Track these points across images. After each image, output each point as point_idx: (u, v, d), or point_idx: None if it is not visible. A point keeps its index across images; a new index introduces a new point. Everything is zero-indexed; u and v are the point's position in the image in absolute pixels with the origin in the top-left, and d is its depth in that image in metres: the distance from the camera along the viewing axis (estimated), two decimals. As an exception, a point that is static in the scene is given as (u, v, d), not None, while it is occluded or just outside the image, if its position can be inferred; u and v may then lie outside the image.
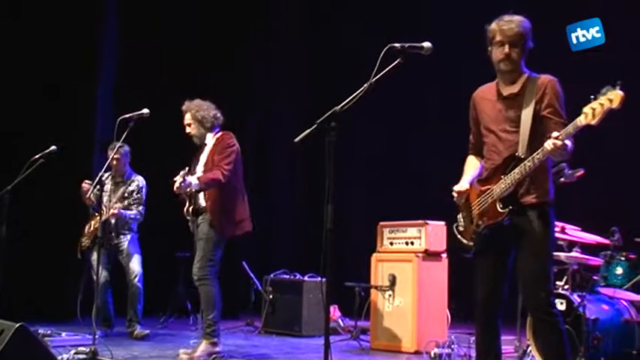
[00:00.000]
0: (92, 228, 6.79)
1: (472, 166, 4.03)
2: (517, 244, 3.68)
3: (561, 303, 5.33)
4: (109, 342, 5.86)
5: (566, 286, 5.49)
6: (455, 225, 4.05)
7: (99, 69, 8.57)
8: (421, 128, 9.61)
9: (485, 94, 3.93)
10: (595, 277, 5.50)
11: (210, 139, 5.68)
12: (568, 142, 3.45)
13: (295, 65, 10.38)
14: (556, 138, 3.41)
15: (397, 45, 3.68)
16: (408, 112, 9.68)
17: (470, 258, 3.90)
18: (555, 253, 5.57)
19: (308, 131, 3.60)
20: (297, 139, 3.60)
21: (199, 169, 5.62)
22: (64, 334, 6.13)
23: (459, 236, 3.98)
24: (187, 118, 5.70)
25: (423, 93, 9.56)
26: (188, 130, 5.70)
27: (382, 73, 3.63)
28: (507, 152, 3.70)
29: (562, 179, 5.49)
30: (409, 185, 9.48)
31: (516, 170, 3.61)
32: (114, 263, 6.93)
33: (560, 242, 5.60)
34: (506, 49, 3.75)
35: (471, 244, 3.85)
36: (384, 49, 3.63)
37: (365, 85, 3.63)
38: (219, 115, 5.73)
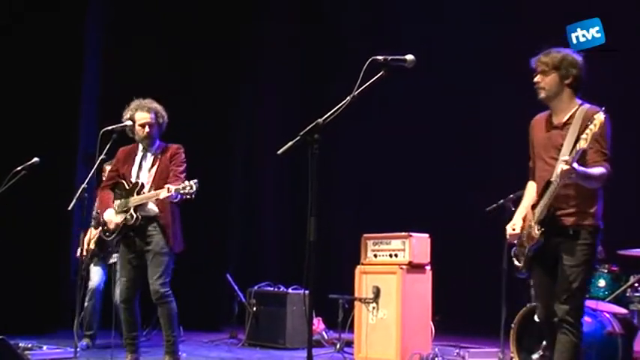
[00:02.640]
0: (88, 242, 6.69)
1: (529, 194, 4.19)
2: (560, 264, 3.87)
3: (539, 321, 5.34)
4: (91, 355, 5.80)
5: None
6: (513, 249, 4.18)
7: (83, 80, 8.55)
8: (407, 140, 9.63)
9: (539, 122, 4.11)
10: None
11: (155, 149, 5.37)
12: (576, 165, 3.60)
13: (283, 79, 10.39)
14: (565, 161, 3.59)
15: (380, 57, 3.73)
16: (394, 123, 9.70)
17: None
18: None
19: (291, 143, 3.62)
20: (280, 152, 3.63)
21: (144, 177, 5.29)
22: (45, 347, 6.05)
23: (513, 258, 4.13)
24: (150, 118, 5.32)
25: (409, 105, 9.58)
26: (147, 130, 5.30)
27: (365, 86, 3.66)
28: (547, 179, 3.85)
29: (545, 191, 5.53)
30: (394, 197, 9.50)
31: (547, 193, 3.80)
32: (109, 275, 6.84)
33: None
34: (537, 77, 3.96)
35: (521, 265, 4.03)
36: (367, 62, 3.66)
37: (348, 97, 3.66)
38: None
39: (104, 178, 5.90)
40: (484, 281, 7.30)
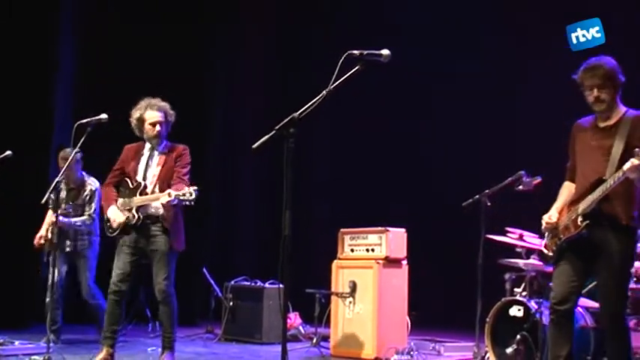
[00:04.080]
0: (46, 233, 6.61)
1: (565, 192, 4.35)
2: (597, 260, 4.07)
3: (519, 309, 5.40)
4: (64, 350, 5.77)
5: (524, 293, 5.55)
6: (544, 242, 4.42)
7: (57, 72, 8.46)
8: (384, 135, 9.67)
9: (584, 125, 4.28)
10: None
11: (162, 148, 5.43)
12: None
13: (258, 72, 10.37)
14: (636, 158, 3.76)
15: (356, 52, 3.73)
16: (371, 118, 9.73)
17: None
18: (513, 260, 5.65)
19: (266, 137, 3.63)
20: (255, 146, 3.63)
21: (150, 176, 5.36)
22: (17, 342, 6.02)
23: (543, 248, 4.40)
24: (160, 117, 5.38)
25: (385, 99, 9.61)
26: (157, 129, 5.35)
27: (341, 80, 3.66)
28: (595, 177, 4.03)
29: (520, 187, 5.58)
30: (371, 192, 9.53)
31: (599, 188, 3.99)
32: (71, 267, 6.75)
33: (518, 249, 5.66)
34: (595, 92, 4.09)
35: (551, 254, 4.27)
36: (343, 56, 3.66)
37: (324, 91, 3.66)
38: None
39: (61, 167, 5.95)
40: (460, 276, 7.35)
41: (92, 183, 6.72)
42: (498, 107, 8.73)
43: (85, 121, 5.27)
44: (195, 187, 5.00)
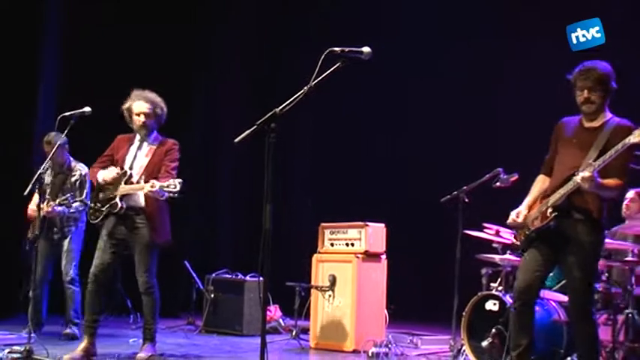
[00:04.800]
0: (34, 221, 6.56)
1: (538, 186, 4.45)
2: (565, 252, 4.18)
3: (494, 304, 5.49)
4: (45, 341, 5.78)
5: (499, 288, 5.64)
6: (514, 232, 4.56)
7: (41, 64, 8.45)
8: (364, 131, 9.74)
9: (569, 123, 4.38)
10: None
11: (152, 140, 5.49)
12: (595, 175, 3.92)
13: (239, 69, 10.40)
14: (584, 173, 3.94)
15: (337, 49, 3.77)
16: (351, 114, 9.80)
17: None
18: (490, 256, 5.76)
19: (248, 132, 3.68)
20: (236, 140, 3.68)
21: (137, 167, 5.39)
22: (-3, 333, 6.03)
23: (513, 239, 4.54)
24: (146, 108, 5.41)
25: (366, 96, 9.68)
26: (142, 119, 5.39)
27: (322, 77, 3.72)
28: (571, 173, 4.12)
29: (497, 183, 5.67)
30: (351, 187, 9.60)
31: (570, 182, 4.10)
32: (57, 256, 6.71)
33: (494, 245, 5.77)
34: (586, 93, 4.19)
35: (520, 243, 4.40)
36: (324, 53, 3.71)
37: (305, 87, 3.71)
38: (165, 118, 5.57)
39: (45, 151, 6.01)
40: (437, 270, 7.44)
41: (81, 168, 6.61)
42: (478, 105, 8.81)
43: (68, 113, 5.28)
44: (181, 180, 5.02)
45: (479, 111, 8.73)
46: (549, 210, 4.18)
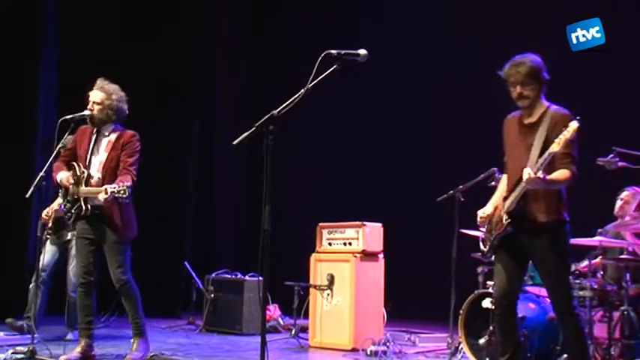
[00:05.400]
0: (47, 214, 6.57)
1: (502, 186, 4.44)
2: (534, 257, 4.22)
3: (492, 302, 5.53)
4: (48, 342, 5.82)
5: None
6: (481, 235, 4.48)
7: (40, 66, 8.50)
8: (362, 131, 9.79)
9: (511, 122, 4.37)
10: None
11: (110, 132, 5.30)
12: (540, 174, 3.89)
13: (237, 71, 10.47)
14: (530, 172, 3.90)
15: (334, 51, 3.80)
16: (348, 114, 9.85)
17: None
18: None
19: (246, 134, 3.71)
20: (235, 142, 3.71)
21: (97, 162, 5.25)
22: (1, 333, 6.08)
23: (480, 244, 4.46)
24: (98, 97, 5.25)
25: (364, 96, 9.73)
26: (92, 107, 5.23)
27: (319, 79, 3.77)
28: (519, 174, 4.05)
29: (492, 183, 5.71)
30: (348, 187, 9.66)
31: (517, 189, 4.09)
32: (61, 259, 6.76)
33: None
34: (518, 89, 4.17)
35: (486, 250, 4.38)
36: (321, 56, 3.77)
37: (302, 90, 3.76)
38: (127, 112, 5.40)
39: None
40: (434, 269, 7.49)
41: None
42: (475, 104, 8.86)
43: (69, 117, 5.28)
44: (129, 183, 4.92)
45: (476, 110, 8.77)
46: (504, 217, 4.16)
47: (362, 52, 3.85)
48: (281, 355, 6.08)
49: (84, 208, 5.14)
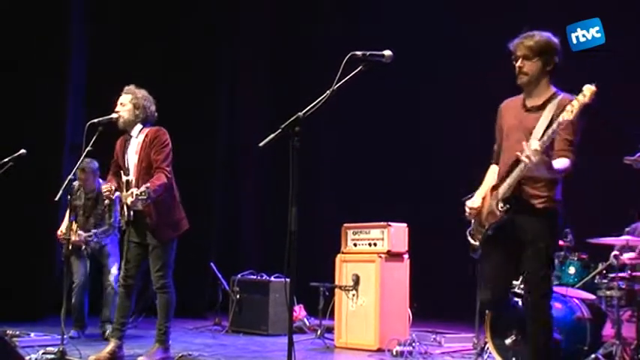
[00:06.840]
0: (69, 235, 6.70)
1: (490, 176, 4.22)
2: (523, 244, 3.92)
3: (517, 302, 5.51)
4: (79, 343, 5.90)
5: (522, 285, 5.66)
6: (469, 229, 4.24)
7: (70, 70, 8.60)
8: (387, 132, 9.80)
9: (511, 106, 4.12)
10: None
11: (138, 133, 5.38)
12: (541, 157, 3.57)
13: (263, 73, 10.53)
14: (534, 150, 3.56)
15: (359, 53, 3.82)
16: (375, 115, 9.86)
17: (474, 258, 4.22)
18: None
19: (272, 136, 3.73)
20: (261, 144, 3.73)
21: (132, 166, 5.33)
22: (32, 334, 6.12)
23: (469, 237, 4.21)
24: (125, 99, 5.38)
25: (390, 97, 9.74)
26: (119, 109, 5.34)
27: (344, 80, 3.79)
28: (515, 159, 3.81)
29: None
30: (374, 188, 9.66)
31: (515, 171, 3.82)
32: (92, 262, 6.88)
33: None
34: (519, 62, 3.94)
35: (477, 244, 4.12)
36: (346, 57, 3.79)
37: (327, 91, 3.78)
38: (156, 114, 5.47)
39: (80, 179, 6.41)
40: (459, 269, 7.46)
41: None
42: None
43: (96, 120, 5.32)
44: (148, 185, 4.99)
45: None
46: (500, 204, 3.91)
47: (387, 52, 3.86)
48: (307, 356, 6.11)
49: (125, 213, 5.25)
